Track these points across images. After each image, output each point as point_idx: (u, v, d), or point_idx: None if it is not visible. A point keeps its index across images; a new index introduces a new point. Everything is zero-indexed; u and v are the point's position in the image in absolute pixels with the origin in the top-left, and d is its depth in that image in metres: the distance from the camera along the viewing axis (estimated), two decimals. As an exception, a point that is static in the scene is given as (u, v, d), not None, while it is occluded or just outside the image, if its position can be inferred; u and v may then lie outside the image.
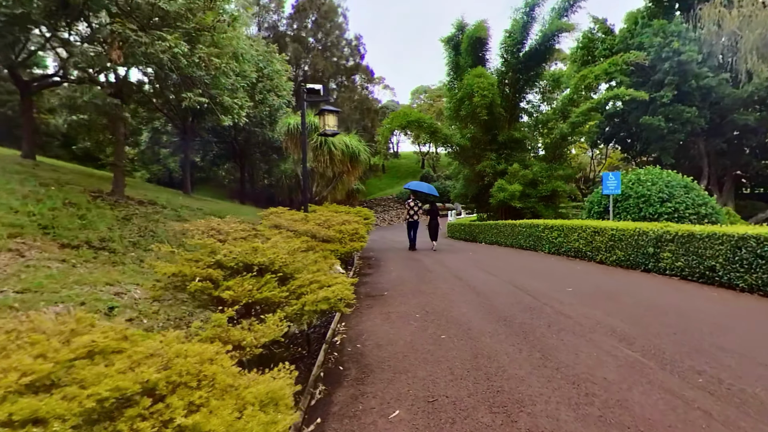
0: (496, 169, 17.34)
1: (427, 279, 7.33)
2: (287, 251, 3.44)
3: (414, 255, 11.27)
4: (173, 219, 7.84)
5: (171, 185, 26.37)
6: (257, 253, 3.04)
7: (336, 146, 11.86)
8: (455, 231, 19.06)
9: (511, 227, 13.77)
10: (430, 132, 17.74)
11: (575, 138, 19.03)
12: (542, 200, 17.70)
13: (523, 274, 7.67)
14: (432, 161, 46.98)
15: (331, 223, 5.89)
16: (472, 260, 9.90)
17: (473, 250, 12.67)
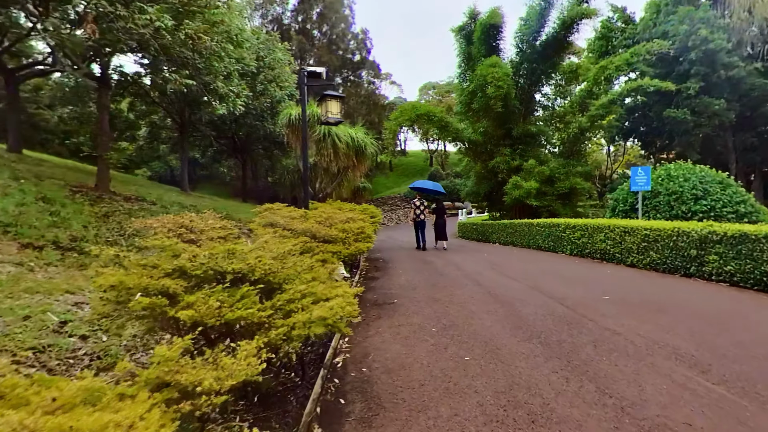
0: (510, 165, 16.56)
1: (441, 284, 6.65)
2: (275, 254, 2.78)
3: (424, 256, 10.59)
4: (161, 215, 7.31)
5: (173, 183, 25.98)
6: (233, 257, 2.39)
7: (341, 139, 11.20)
8: (466, 231, 18.33)
9: (528, 227, 13.02)
10: (440, 126, 17.01)
11: (594, 133, 18.17)
12: (560, 198, 16.88)
13: (548, 278, 6.94)
14: (440, 159, 46.16)
15: (333, 221, 5.25)
16: (487, 262, 9.19)
17: (487, 251, 11.94)
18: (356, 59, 31.30)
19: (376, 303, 5.49)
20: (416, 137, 47.94)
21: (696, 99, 18.27)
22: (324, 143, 10.90)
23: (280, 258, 2.80)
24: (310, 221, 5.14)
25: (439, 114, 16.91)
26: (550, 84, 17.99)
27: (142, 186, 11.73)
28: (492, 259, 9.73)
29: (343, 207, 8.56)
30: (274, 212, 5.32)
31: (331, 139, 10.96)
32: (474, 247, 13.36)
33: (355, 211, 7.92)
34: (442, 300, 5.50)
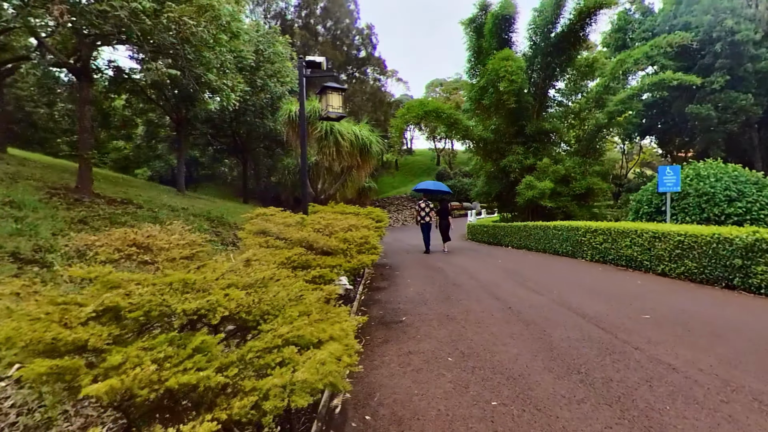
0: (523, 164, 15.87)
1: (455, 296, 6.02)
2: (254, 280, 2.18)
3: (433, 262, 9.97)
4: (148, 221, 6.74)
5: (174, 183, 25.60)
6: (191, 289, 1.79)
7: (344, 136, 10.59)
8: (476, 233, 17.66)
9: (544, 230, 12.33)
10: (449, 124, 16.36)
11: (611, 130, 17.42)
12: (575, 199, 16.17)
13: (574, 290, 6.29)
14: (448, 158, 45.44)
15: (333, 228, 4.66)
16: (503, 270, 8.53)
17: (501, 256, 11.28)
18: (361, 55, 30.69)
19: (383, 321, 4.88)
20: (423, 136, 47.31)
21: (721, 94, 17.42)
22: (326, 141, 10.29)
23: (260, 285, 2.20)
24: (307, 229, 4.55)
25: (448, 111, 16.26)
26: (564, 79, 17.26)
27: (134, 187, 11.24)
28: (508, 266, 9.07)
29: (346, 210, 7.97)
30: (268, 218, 4.74)
31: (334, 137, 10.35)
32: (486, 252, 12.71)
33: (359, 216, 7.32)
34: (457, 318, 4.87)
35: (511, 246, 14.45)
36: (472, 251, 12.78)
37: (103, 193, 7.72)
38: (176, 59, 6.60)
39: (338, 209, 7.96)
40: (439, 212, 12.53)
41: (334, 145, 10.35)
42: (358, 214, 7.90)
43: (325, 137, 10.35)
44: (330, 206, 8.28)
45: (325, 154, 10.37)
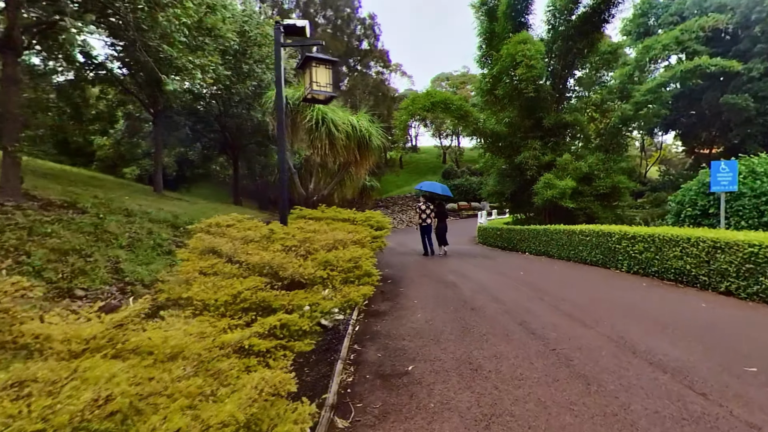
0: (540, 160, 14.52)
1: (476, 328, 4.72)
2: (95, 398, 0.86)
3: (443, 274, 8.66)
4: (85, 232, 5.51)
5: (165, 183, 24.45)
6: None
7: (338, 127, 9.25)
8: (488, 236, 16.32)
9: (568, 235, 10.98)
10: (459, 116, 15.02)
11: (638, 122, 16.00)
12: (598, 199, 14.83)
13: (629, 319, 4.95)
14: (455, 155, 44.06)
15: (312, 245, 3.39)
16: (528, 285, 7.21)
17: (521, 266, 9.95)
18: (363, 47, 29.35)
19: (381, 373, 3.58)
20: (428, 132, 46.00)
21: (760, 82, 15.94)
22: (317, 132, 8.98)
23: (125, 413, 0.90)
24: (274, 246, 3.28)
25: (457, 102, 14.91)
26: (585, 67, 15.86)
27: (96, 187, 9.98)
28: (533, 280, 7.73)
29: (338, 215, 6.70)
30: (223, 230, 3.50)
31: (326, 127, 9.02)
32: (503, 260, 11.37)
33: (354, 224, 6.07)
34: (485, 369, 3.57)
35: (528, 252, 13.11)
36: (486, 259, 11.46)
37: (42, 195, 6.52)
38: (126, 26, 5.39)
39: (329, 214, 6.69)
40: (437, 215, 12.13)
41: (327, 137, 9.01)
42: (353, 220, 6.62)
43: (316, 128, 9.01)
44: (320, 210, 7.02)
45: (317, 147, 9.03)
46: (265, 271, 2.93)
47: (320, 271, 2.93)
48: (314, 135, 8.90)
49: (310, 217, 6.52)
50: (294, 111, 9.00)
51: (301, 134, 9.15)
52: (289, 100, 8.94)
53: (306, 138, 9.15)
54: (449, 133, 44.26)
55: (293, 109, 8.98)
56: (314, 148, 9.01)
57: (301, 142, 9.36)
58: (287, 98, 8.90)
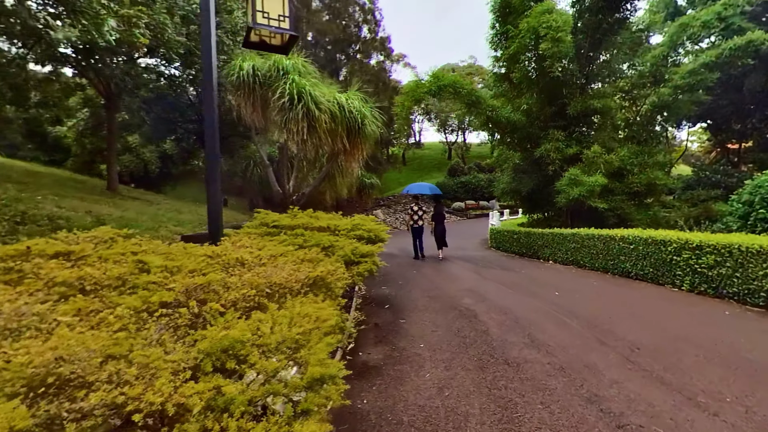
0: (564, 153, 12.74)
1: (521, 408, 2.98)
2: None
3: (456, 294, 6.91)
4: None
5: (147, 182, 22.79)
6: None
7: (320, 106, 7.39)
8: (503, 241, 14.52)
9: (605, 241, 9.20)
10: (470, 103, 13.24)
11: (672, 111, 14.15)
12: (631, 198, 13.06)
13: (756, 384, 3.20)
14: (461, 151, 42.21)
15: (217, 297, 1.71)
16: (574, 316, 5.43)
17: (553, 282, 8.18)
18: (364, 35, 27.50)
19: None
20: (433, 127, 44.18)
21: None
22: (292, 112, 7.13)
23: None
24: (125, 305, 1.54)
25: (467, 86, 13.14)
26: (613, 47, 14.02)
27: (22, 184, 8.30)
28: (577, 307, 5.94)
29: (315, 222, 4.95)
30: (40, 266, 1.80)
31: (304, 105, 7.16)
32: (527, 272, 9.57)
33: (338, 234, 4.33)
34: None
35: (552, 260, 11.32)
36: (506, 270, 9.68)
37: None
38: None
39: (302, 220, 4.93)
40: (434, 216, 11.64)
41: (305, 118, 7.13)
42: (335, 230, 4.85)
43: (291, 105, 7.13)
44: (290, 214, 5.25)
45: (291, 132, 7.15)
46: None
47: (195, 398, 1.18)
48: (288, 115, 7.04)
49: (274, 225, 4.80)
50: (264, 85, 7.23)
51: (273, 115, 7.34)
52: (258, 70, 7.15)
53: (279, 119, 7.30)
54: (455, 127, 42.44)
55: (263, 83, 7.22)
56: (288, 133, 7.14)
57: (272, 124, 7.58)
58: (255, 69, 7.12)
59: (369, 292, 7.05)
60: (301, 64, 7.33)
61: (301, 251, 3.50)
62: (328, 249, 4.07)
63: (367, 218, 5.78)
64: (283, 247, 3.76)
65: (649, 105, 13.77)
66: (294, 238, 4.21)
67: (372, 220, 5.75)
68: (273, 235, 4.68)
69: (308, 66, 7.55)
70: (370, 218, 5.82)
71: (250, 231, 4.71)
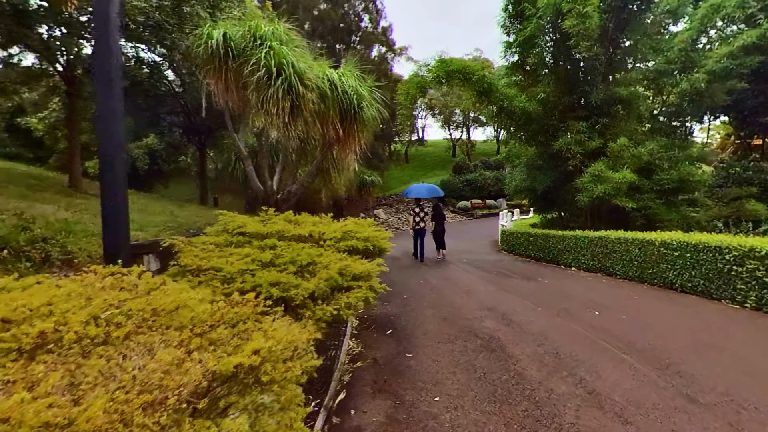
0: (586, 147, 11.55)
1: None
2: None
3: (474, 313, 5.75)
4: None
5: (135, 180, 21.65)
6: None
7: (305, 81, 6.00)
8: (516, 243, 13.33)
9: (642, 246, 8.02)
10: (481, 91, 12.06)
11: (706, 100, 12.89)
12: (661, 196, 11.85)
13: None
14: (465, 148, 40.98)
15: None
16: (631, 349, 4.26)
17: (586, 296, 7.00)
18: (365, 24, 26.29)
19: None
20: (437, 123, 42.97)
21: None
22: (271, 89, 5.79)
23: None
24: None
25: (478, 73, 11.94)
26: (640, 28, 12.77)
27: None
28: (629, 334, 4.75)
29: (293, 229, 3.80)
30: None
31: (286, 79, 5.81)
32: (552, 282, 8.38)
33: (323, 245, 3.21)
34: None
35: (575, 267, 10.15)
36: (527, 279, 8.50)
37: None
38: None
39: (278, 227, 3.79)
40: (434, 217, 11.70)
41: (287, 96, 5.76)
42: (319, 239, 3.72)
43: (269, 81, 5.81)
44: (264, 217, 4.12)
45: (270, 114, 5.84)
46: None
47: None
48: (266, 93, 5.77)
49: (239, 232, 3.65)
50: (238, 58, 5.96)
51: (248, 93, 6.08)
52: (231, 39, 5.89)
53: (255, 98, 6.02)
54: (459, 123, 41.24)
55: (237, 55, 5.95)
56: (267, 116, 5.87)
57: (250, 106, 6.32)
58: (227, 37, 5.88)
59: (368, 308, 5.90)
60: (283, 31, 6.06)
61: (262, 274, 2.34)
62: (305, 269, 2.93)
63: (363, 222, 4.61)
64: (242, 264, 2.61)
65: (677, 94, 12.55)
66: (261, 252, 3.06)
67: (370, 225, 4.59)
68: (238, 245, 3.53)
69: (292, 34, 6.29)
70: (366, 222, 4.66)
71: (209, 240, 3.57)
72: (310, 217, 4.68)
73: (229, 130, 6.92)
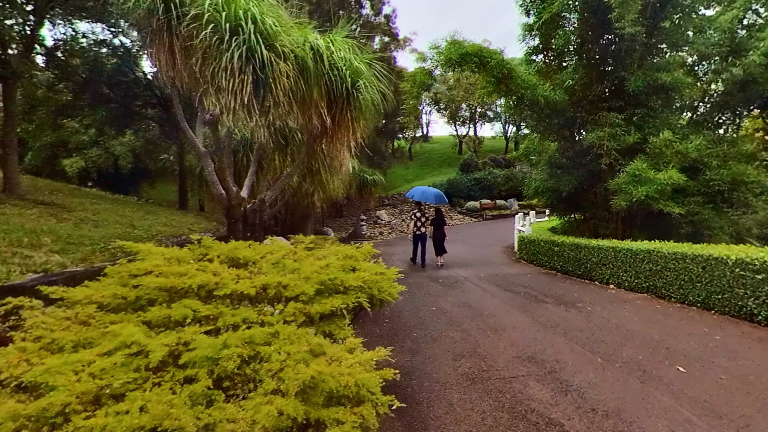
0: (622, 142, 10.05)
1: None
2: None
3: (510, 367, 4.31)
4: None
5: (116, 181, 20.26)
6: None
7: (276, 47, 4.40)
8: (537, 252, 11.81)
9: (709, 265, 6.52)
10: (499, 77, 10.58)
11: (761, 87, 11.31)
12: (710, 199, 10.33)
13: None
14: (473, 145, 39.41)
15: None
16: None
17: (647, 335, 5.51)
18: (366, 12, 24.75)
19: None
20: (442, 119, 41.37)
21: None
22: (226, 62, 4.08)
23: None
24: None
25: (496, 56, 10.44)
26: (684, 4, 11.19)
27: None
28: (753, 422, 3.30)
29: (243, 270, 2.41)
30: None
31: (245, 42, 4.12)
32: (598, 310, 6.89)
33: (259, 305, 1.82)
34: None
35: (614, 285, 8.65)
36: (565, 306, 7.00)
37: None
38: None
39: (199, 278, 2.35)
40: (434, 222, 11.51)
41: (249, 68, 4.01)
42: (259, 295, 2.28)
43: (220, 44, 4.12)
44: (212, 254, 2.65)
45: (225, 93, 4.17)
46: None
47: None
48: (218, 62, 4.12)
49: (138, 283, 2.20)
50: (184, 17, 4.33)
51: (192, 62, 4.45)
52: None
53: (204, 73, 4.37)
54: (466, 118, 39.67)
55: (184, 13, 4.35)
56: (219, 94, 4.21)
57: (198, 82, 4.72)
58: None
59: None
60: (248, -28, 4.45)
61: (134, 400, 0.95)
62: (236, 377, 1.46)
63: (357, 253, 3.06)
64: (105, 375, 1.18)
65: (725, 81, 11.00)
66: (159, 335, 1.60)
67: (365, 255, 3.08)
68: (135, 308, 2.05)
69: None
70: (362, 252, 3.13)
71: (90, 295, 2.11)
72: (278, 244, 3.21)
73: (179, 119, 5.43)
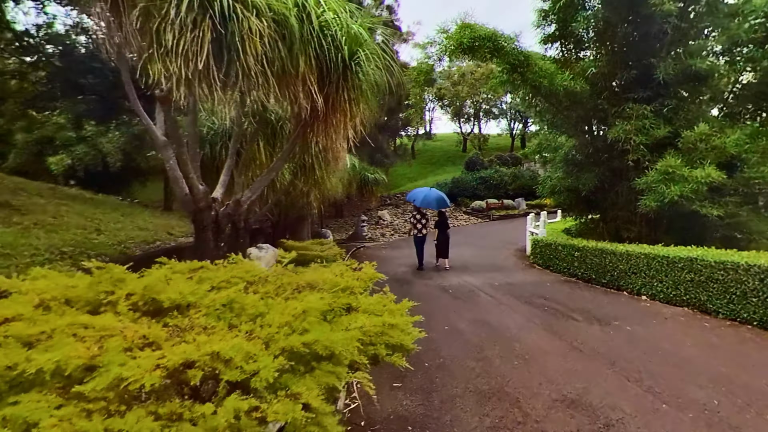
0: (650, 136, 9.14)
1: None
2: None
3: (551, 417, 3.41)
4: None
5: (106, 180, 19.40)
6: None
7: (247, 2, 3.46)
8: (554, 257, 10.87)
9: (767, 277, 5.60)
10: (515, 64, 9.65)
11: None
12: (747, 200, 9.43)
13: None
14: (478, 143, 38.44)
15: None
16: None
17: (716, 372, 4.60)
18: (367, 3, 23.91)
19: None
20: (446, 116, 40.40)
21: None
22: (175, 17, 3.15)
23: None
24: None
25: (509, 43, 9.51)
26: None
27: None
28: None
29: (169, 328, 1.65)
30: None
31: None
32: (636, 330, 5.96)
33: None
34: None
35: (646, 296, 7.71)
36: (596, 324, 6.09)
37: None
38: None
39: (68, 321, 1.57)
40: (438, 224, 11.11)
41: (202, 21, 3.13)
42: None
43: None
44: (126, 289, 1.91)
45: (171, 56, 3.26)
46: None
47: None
48: (163, 17, 3.13)
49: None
50: None
51: (132, 16, 3.44)
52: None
53: (148, 30, 3.42)
54: (470, 115, 38.71)
55: None
56: (168, 58, 3.19)
57: (149, 47, 3.71)
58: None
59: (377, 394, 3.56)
60: None
61: None
62: None
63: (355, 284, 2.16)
64: None
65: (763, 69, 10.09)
66: None
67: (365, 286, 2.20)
68: None
69: None
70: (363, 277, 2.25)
71: None
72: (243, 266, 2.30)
73: (131, 99, 4.54)
